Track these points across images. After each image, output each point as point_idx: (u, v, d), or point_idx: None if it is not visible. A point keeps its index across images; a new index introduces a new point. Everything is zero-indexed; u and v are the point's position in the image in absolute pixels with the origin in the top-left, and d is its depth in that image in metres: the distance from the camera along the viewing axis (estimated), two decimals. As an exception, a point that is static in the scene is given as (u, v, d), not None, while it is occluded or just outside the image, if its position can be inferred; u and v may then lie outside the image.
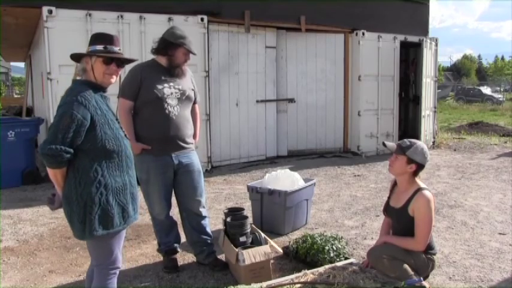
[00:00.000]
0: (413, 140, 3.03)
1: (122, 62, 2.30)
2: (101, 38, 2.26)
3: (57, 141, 2.06)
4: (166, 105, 3.16)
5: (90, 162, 2.15)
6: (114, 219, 2.19)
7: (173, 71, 3.23)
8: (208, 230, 3.50)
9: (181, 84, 3.27)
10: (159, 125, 3.18)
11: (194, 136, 3.44)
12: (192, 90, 3.39)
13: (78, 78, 2.28)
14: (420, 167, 2.97)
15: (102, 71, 2.23)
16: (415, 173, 2.99)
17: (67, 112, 2.08)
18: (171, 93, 3.20)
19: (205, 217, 3.46)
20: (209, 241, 3.47)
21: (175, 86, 3.24)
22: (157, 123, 3.18)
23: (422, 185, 3.00)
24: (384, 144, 3.17)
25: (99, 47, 2.23)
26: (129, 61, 2.41)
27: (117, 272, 2.36)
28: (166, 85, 3.20)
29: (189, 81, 3.40)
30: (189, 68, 3.49)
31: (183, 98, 3.27)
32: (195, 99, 3.46)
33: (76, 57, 2.28)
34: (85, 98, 2.14)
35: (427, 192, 2.94)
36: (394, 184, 3.17)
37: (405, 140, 3.06)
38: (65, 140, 2.07)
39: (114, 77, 2.29)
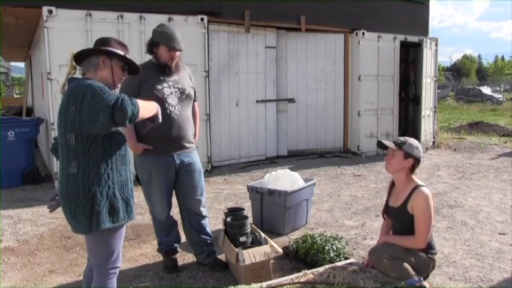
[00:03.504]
0: (405, 137, 3.09)
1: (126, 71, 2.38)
2: (122, 45, 2.32)
3: (109, 94, 2.02)
4: (167, 105, 3.14)
5: (103, 155, 2.14)
6: (120, 213, 2.20)
7: (163, 70, 3.20)
8: (209, 230, 3.50)
9: (180, 83, 3.26)
10: (161, 125, 3.16)
11: (194, 135, 3.42)
12: (192, 88, 3.38)
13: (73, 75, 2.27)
14: (417, 161, 2.99)
15: (120, 76, 2.30)
16: (412, 169, 3.01)
17: (96, 89, 2.05)
18: (171, 93, 3.19)
19: (205, 217, 3.45)
20: (209, 241, 3.47)
21: (175, 85, 3.22)
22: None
23: (420, 182, 3.02)
24: (379, 143, 3.14)
25: (121, 53, 2.28)
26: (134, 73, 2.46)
27: (117, 272, 2.35)
28: (165, 85, 3.18)
29: (188, 79, 3.38)
30: (188, 67, 3.48)
31: (183, 96, 3.25)
32: (195, 96, 3.45)
33: (83, 54, 2.25)
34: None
35: (425, 189, 2.95)
36: (392, 185, 3.18)
37: (398, 137, 3.12)
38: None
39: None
